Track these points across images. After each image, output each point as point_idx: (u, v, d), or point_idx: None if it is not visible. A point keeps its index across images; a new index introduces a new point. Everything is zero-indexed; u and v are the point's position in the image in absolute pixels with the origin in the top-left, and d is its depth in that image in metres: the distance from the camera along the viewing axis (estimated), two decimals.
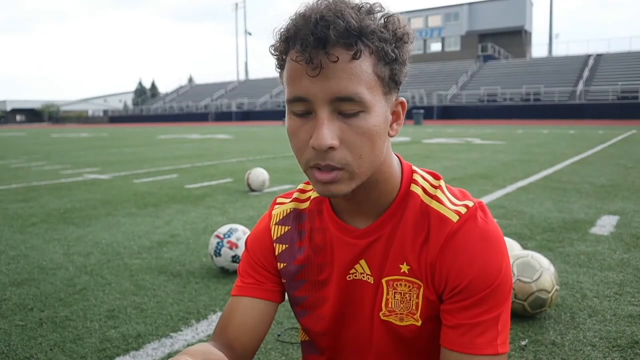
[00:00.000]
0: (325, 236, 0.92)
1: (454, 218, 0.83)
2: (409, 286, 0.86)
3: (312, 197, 0.97)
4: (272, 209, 1.01)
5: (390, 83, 0.76)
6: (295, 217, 0.97)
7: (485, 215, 0.85)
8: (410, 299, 0.86)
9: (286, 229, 0.97)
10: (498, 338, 0.80)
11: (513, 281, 2.19)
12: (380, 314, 0.89)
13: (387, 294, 0.87)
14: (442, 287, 0.83)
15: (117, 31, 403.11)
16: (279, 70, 0.79)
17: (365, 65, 0.72)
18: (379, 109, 0.76)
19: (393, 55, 0.74)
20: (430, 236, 0.83)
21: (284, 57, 0.76)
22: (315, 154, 0.75)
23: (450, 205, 0.85)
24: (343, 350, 0.96)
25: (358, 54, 0.71)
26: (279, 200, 1.02)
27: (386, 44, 0.73)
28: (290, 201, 0.99)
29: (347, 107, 0.73)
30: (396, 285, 0.87)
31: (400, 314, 0.87)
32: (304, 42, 0.70)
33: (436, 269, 0.83)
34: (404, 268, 0.86)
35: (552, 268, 2.29)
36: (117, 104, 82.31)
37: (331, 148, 0.73)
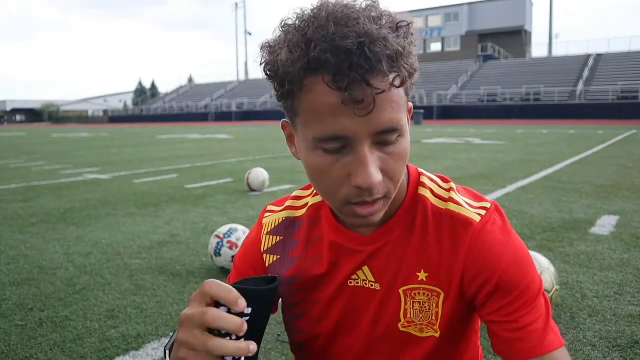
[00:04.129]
0: (323, 244, 0.88)
1: (476, 219, 0.80)
2: (428, 295, 0.81)
3: (309, 204, 0.91)
4: (263, 218, 0.96)
5: (408, 95, 0.73)
6: (288, 226, 0.92)
7: (501, 214, 0.83)
8: (429, 309, 0.82)
9: (278, 239, 0.92)
10: (555, 327, 0.77)
11: None
12: (399, 325, 0.84)
13: (406, 304, 0.83)
14: (474, 291, 0.79)
15: (117, 32, 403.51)
16: (283, 99, 0.69)
17: (401, 89, 0.67)
18: (408, 128, 0.72)
19: (414, 69, 0.68)
20: (452, 240, 0.80)
21: (301, 84, 0.65)
22: (359, 192, 0.69)
23: (469, 207, 0.82)
24: (337, 358, 0.92)
25: (402, 82, 0.65)
26: (270, 208, 0.97)
27: (411, 59, 0.67)
28: (283, 209, 0.94)
29: (388, 137, 0.68)
30: (414, 294, 0.82)
31: (420, 324, 0.83)
32: (345, 78, 0.61)
33: (465, 273, 0.79)
34: (422, 276, 0.81)
35: (552, 268, 2.29)
36: (117, 104, 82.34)
37: None
